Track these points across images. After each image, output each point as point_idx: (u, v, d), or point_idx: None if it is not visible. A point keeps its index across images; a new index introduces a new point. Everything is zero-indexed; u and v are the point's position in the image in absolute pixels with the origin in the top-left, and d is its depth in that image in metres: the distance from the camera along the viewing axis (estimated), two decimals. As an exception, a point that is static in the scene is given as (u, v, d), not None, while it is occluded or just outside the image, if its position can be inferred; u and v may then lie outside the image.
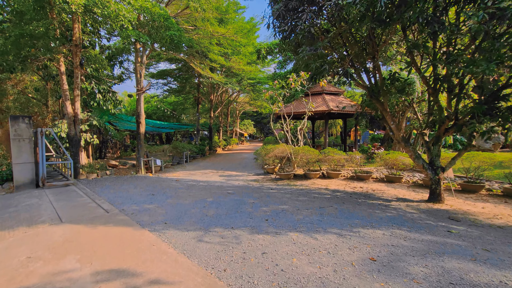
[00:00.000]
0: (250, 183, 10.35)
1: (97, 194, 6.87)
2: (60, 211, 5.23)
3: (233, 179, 11.56)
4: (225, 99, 29.25)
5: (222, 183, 10.24)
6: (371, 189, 9.37)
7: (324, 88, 15.78)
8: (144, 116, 13.43)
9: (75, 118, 8.98)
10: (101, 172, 12.70)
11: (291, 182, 10.72)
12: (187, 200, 6.53)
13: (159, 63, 20.94)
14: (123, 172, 14.53)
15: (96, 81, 12.41)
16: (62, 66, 8.48)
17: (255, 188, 8.94)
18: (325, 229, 4.47)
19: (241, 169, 15.18)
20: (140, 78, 12.86)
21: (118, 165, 16.55)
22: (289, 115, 13.65)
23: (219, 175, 13.21)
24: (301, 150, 11.22)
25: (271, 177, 12.13)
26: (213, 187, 8.85)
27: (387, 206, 6.79)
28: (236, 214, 5.33)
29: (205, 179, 11.36)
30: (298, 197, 7.42)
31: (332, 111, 14.06)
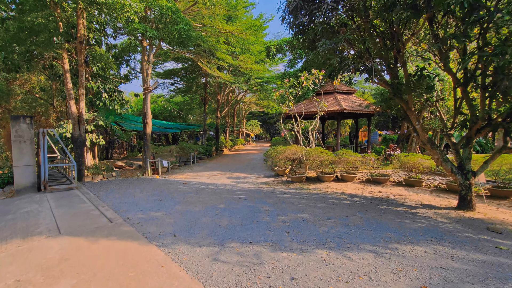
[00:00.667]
0: (261, 187, 9.77)
1: (101, 199, 6.37)
2: (59, 220, 4.73)
3: (242, 182, 11.00)
4: (232, 99, 28.74)
5: (231, 186, 9.68)
6: (391, 193, 8.70)
7: (336, 87, 15.11)
8: (151, 116, 12.97)
9: (79, 118, 8.55)
10: (107, 173, 12.28)
11: (304, 185, 10.10)
12: (197, 207, 5.98)
13: (166, 62, 20.51)
14: (129, 174, 14.10)
15: (102, 80, 11.99)
16: (66, 64, 8.04)
17: (267, 193, 8.35)
18: (357, 245, 3.86)
19: (249, 171, 14.62)
20: (146, 77, 12.40)
21: (124, 166, 16.16)
22: (300, 115, 13.03)
23: (227, 177, 12.67)
24: (314, 152, 10.59)
25: (282, 179, 11.53)
26: (223, 191, 8.30)
27: (414, 215, 6.13)
28: (252, 224, 4.75)
29: (213, 182, 10.82)
30: (315, 203, 6.81)
31: (345, 110, 13.39)
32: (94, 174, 11.86)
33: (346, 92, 15.35)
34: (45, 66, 12.45)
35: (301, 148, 11.07)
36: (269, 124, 51.39)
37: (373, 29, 7.10)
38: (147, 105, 12.59)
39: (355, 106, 14.14)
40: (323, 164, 10.80)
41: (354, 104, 14.44)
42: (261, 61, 18.74)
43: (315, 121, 12.36)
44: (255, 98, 31.38)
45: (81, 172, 8.89)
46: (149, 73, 12.43)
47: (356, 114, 14.69)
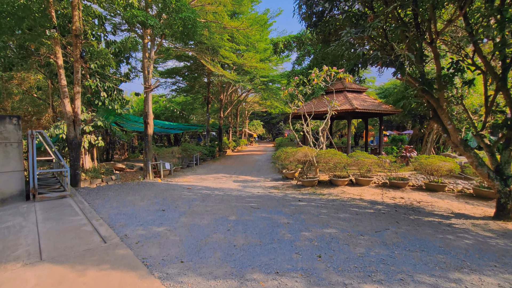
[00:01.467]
0: (271, 192, 8.96)
1: (96, 210, 5.57)
2: (44, 239, 3.94)
3: (250, 186, 10.19)
4: (235, 99, 27.93)
5: (239, 191, 8.87)
6: (414, 200, 7.88)
7: (346, 86, 14.29)
8: (152, 116, 12.17)
9: (74, 118, 7.76)
10: (106, 177, 11.49)
11: (317, 190, 9.29)
12: (204, 219, 5.17)
13: (168, 61, 19.71)
14: (130, 177, 13.31)
15: (101, 79, 11.19)
16: (59, 59, 7.26)
17: (280, 199, 7.54)
18: (411, 275, 3.05)
19: (256, 173, 13.81)
20: (147, 75, 11.60)
21: (125, 169, 15.38)
22: (309, 115, 12.22)
23: (233, 180, 11.87)
24: (326, 154, 9.77)
25: (292, 183, 10.72)
26: (231, 198, 7.49)
27: (452, 227, 5.31)
28: (273, 243, 3.94)
29: (219, 186, 10.01)
30: (337, 212, 5.99)
31: (357, 110, 12.56)
32: (93, 177, 11.07)
33: (356, 91, 14.53)
34: (41, 64, 11.67)
35: (312, 150, 10.26)
36: (271, 124, 50.51)
37: (399, 18, 6.28)
38: (149, 104, 11.79)
39: (367, 105, 13.32)
40: (337, 167, 9.99)
41: (366, 103, 13.62)
42: (266, 59, 17.94)
43: (326, 121, 11.55)
44: (258, 98, 30.57)
45: (77, 177, 8.10)
46: (151, 71, 11.63)
47: (368, 114, 13.87)
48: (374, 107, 13.30)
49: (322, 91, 12.77)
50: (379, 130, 14.52)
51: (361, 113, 13.68)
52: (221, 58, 14.89)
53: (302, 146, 11.26)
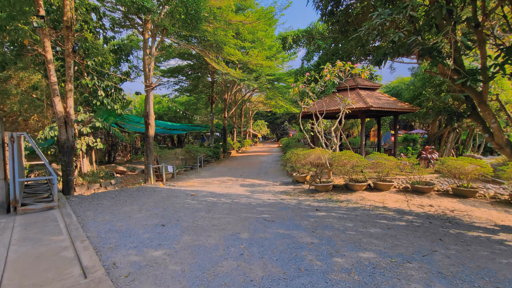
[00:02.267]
0: (283, 198, 8.06)
1: (84, 225, 4.73)
2: (10, 270, 3.09)
3: (258, 191, 9.30)
4: (239, 99, 27.08)
5: (248, 198, 7.99)
6: (445, 208, 6.92)
7: (358, 83, 13.33)
8: (154, 116, 11.35)
9: (66, 118, 6.95)
10: (105, 181, 10.70)
11: (333, 196, 8.37)
12: (212, 237, 4.29)
13: (170, 60, 18.91)
14: (131, 181, 12.50)
15: (99, 77, 10.40)
16: (48, 53, 6.46)
17: (295, 208, 6.64)
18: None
19: (263, 176, 12.92)
20: (148, 73, 10.78)
21: (126, 172, 14.59)
22: (321, 114, 11.29)
23: (239, 184, 10.99)
24: (343, 156, 8.84)
25: (303, 187, 9.81)
26: (240, 207, 6.61)
27: (505, 245, 4.37)
28: (301, 276, 3.05)
29: (225, 191, 9.14)
30: (365, 226, 5.08)
31: (371, 108, 11.60)
32: (91, 182, 10.28)
33: (369, 88, 13.56)
34: (37, 62, 10.90)
35: (325, 152, 9.34)
36: (276, 124, 49.52)
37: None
38: (150, 104, 10.97)
39: (382, 103, 12.35)
40: (355, 170, 9.06)
41: (380, 100, 12.64)
42: (272, 56, 17.05)
43: (339, 120, 10.61)
44: (263, 98, 29.68)
45: (70, 184, 7.28)
46: (151, 68, 10.81)
47: (383, 112, 12.89)
48: (390, 105, 12.32)
49: (333, 89, 11.84)
50: (394, 129, 13.53)
51: (375, 112, 12.71)
52: (226, 55, 14.03)
53: (314, 148, 10.35)
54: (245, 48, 16.87)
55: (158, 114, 24.50)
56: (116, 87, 11.54)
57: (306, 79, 10.29)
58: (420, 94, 12.86)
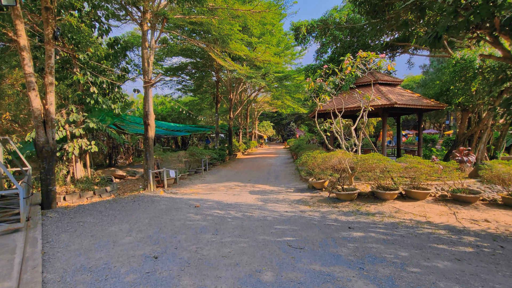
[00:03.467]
0: (303, 210, 6.75)
1: (51, 256, 3.50)
2: None
3: (272, 200, 8.00)
4: (244, 99, 25.85)
5: (261, 209, 6.70)
6: (507, 225, 5.53)
7: (378, 78, 11.96)
8: (154, 116, 10.15)
9: (46, 117, 5.78)
10: (100, 188, 9.51)
11: (360, 206, 7.03)
12: (222, 280, 3.02)
13: (172, 58, 17.75)
14: (130, 187, 11.31)
15: (93, 72, 9.25)
16: (21, 38, 5.26)
17: (322, 225, 5.33)
18: None
19: (273, 181, 11.61)
20: (147, 68, 9.60)
21: (126, 176, 13.43)
22: (339, 112, 9.96)
23: (249, 190, 9.70)
24: (370, 159, 7.49)
25: (322, 195, 8.49)
26: (254, 224, 5.33)
27: None
28: None
29: (234, 201, 7.86)
30: (427, 258, 3.74)
31: (396, 105, 10.24)
32: (84, 189, 9.11)
33: (390, 83, 12.19)
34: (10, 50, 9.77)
35: (347, 154, 8.00)
36: (281, 125, 48.08)
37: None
38: (149, 102, 9.77)
39: (406, 99, 10.97)
40: (384, 176, 7.70)
41: (403, 97, 11.26)
42: (280, 53, 15.81)
43: (360, 118, 9.28)
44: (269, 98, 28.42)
45: (50, 195, 6.08)
46: (151, 63, 9.62)
47: (407, 110, 11.49)
48: (415, 102, 10.93)
49: (351, 84, 10.49)
50: (419, 129, 12.10)
51: (398, 109, 11.33)
52: (232, 50, 12.81)
53: (334, 150, 9.02)
54: (252, 45, 15.63)
55: (161, 115, 23.41)
56: (113, 84, 10.38)
57: (324, 72, 8.98)
58: (448, 90, 11.43)
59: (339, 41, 11.57)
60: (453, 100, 11.32)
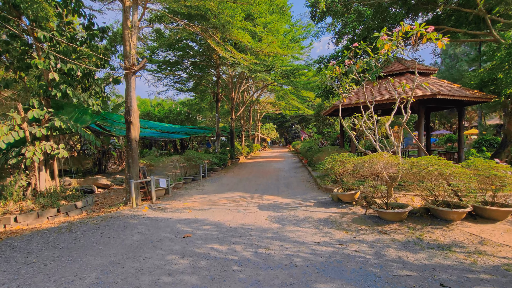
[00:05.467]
0: (341, 240, 4.52)
1: None
2: None
3: (290, 220, 5.77)
4: (247, 99, 23.75)
5: (281, 241, 4.48)
6: None
7: (408, 66, 9.83)
8: (138, 112, 8.01)
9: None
10: (68, 203, 7.33)
11: (419, 231, 4.80)
12: None
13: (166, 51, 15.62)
14: (111, 199, 9.10)
15: (59, 56, 7.15)
16: None
17: (388, 277, 3.12)
18: None
19: (285, 191, 9.40)
20: (129, 51, 7.49)
21: (111, 185, 11.24)
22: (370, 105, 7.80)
23: (257, 205, 7.49)
24: (430, 164, 5.28)
25: (353, 211, 6.27)
26: (276, 277, 3.14)
27: None
28: None
29: (239, 222, 5.64)
30: None
31: (438, 96, 8.08)
32: (45, 206, 6.92)
33: (422, 72, 10.04)
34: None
35: (395, 158, 5.80)
36: (284, 128, 45.82)
37: None
38: (131, 95, 7.65)
39: (447, 90, 8.80)
40: (440, 185, 5.49)
41: (442, 87, 9.10)
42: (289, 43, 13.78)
43: (407, 114, 7.12)
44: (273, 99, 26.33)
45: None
46: (133, 45, 7.52)
47: (448, 103, 9.33)
48: (457, 93, 8.76)
49: (380, 71, 8.32)
50: (459, 126, 9.87)
51: (436, 102, 9.16)
52: (233, 36, 10.73)
53: (376, 152, 6.82)
54: (257, 35, 13.56)
55: (158, 117, 21.31)
56: (90, 73, 8.27)
57: (353, 52, 6.83)
58: (495, 79, 9.27)
59: (365, 18, 9.47)
60: (503, 90, 9.14)
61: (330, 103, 20.59)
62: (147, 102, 26.26)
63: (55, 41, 7.44)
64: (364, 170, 5.67)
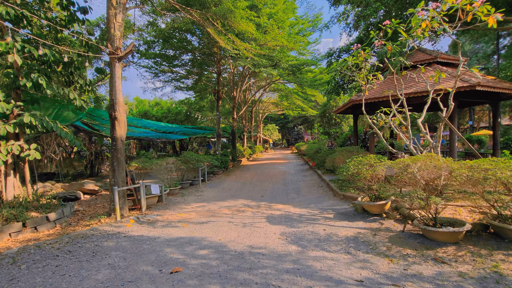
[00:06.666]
0: (389, 275, 3.15)
1: None
2: None
3: (310, 239, 4.42)
4: (249, 99, 22.49)
5: (306, 277, 3.14)
6: None
7: (437, 55, 8.55)
8: (125, 107, 6.72)
9: None
10: (40, 215, 6.03)
11: (495, 262, 3.47)
12: None
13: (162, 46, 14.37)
14: (96, 209, 7.78)
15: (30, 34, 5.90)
16: None
17: None
18: None
19: (296, 198, 8.08)
20: (114, 33, 6.22)
21: (99, 191, 9.93)
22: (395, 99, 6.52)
23: (265, 216, 6.16)
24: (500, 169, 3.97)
25: (387, 226, 4.94)
26: None
27: None
28: None
29: (246, 244, 4.31)
30: None
31: (477, 87, 6.81)
32: (9, 219, 5.61)
33: (451, 63, 8.78)
34: None
35: (451, 161, 4.48)
36: (287, 129, 44.45)
37: None
38: (116, 85, 6.37)
39: (485, 81, 7.51)
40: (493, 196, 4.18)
41: (471, 78, 7.81)
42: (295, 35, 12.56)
43: (450, 108, 5.85)
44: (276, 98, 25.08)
45: None
46: (118, 25, 6.25)
47: (482, 96, 8.04)
48: (496, 84, 7.47)
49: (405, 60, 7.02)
50: (494, 123, 8.57)
51: (473, 95, 7.88)
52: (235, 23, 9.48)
53: (401, 155, 5.54)
54: (261, 27, 12.32)
55: (156, 117, 20.05)
56: (70, 61, 7.00)
57: (383, 32, 5.56)
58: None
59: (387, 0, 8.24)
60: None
61: (336, 102, 19.31)
62: (146, 102, 25.01)
63: (26, 21, 6.18)
64: (407, 176, 4.36)
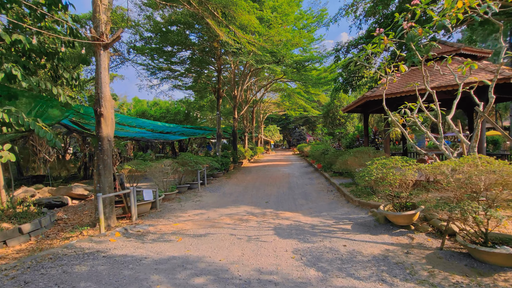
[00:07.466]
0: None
1: None
2: None
3: (331, 261, 3.52)
4: (250, 99, 21.68)
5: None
6: None
7: (460, 47, 7.73)
8: (112, 102, 5.87)
9: None
10: (13, 226, 5.18)
11: None
12: None
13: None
14: (79, 218, 6.91)
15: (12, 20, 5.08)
16: None
17: None
18: None
19: (305, 204, 7.21)
20: (99, 16, 5.39)
21: (89, 196, 9.07)
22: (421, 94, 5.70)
23: (273, 227, 5.28)
24: None
25: (419, 242, 4.05)
26: None
27: None
28: None
29: (254, 267, 3.42)
30: None
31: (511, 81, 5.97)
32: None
33: (474, 55, 7.96)
34: None
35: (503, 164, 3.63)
36: (288, 130, 43.61)
37: None
38: (102, 77, 5.53)
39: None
40: None
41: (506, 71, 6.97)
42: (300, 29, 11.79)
43: (490, 102, 5.01)
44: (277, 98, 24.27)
45: None
46: (105, 8, 5.43)
47: None
48: None
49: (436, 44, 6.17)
50: None
51: (501, 91, 7.03)
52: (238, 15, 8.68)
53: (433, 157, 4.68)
54: (264, 20, 11.50)
55: (154, 117, 19.21)
56: (54, 52, 6.16)
57: (412, 12, 4.74)
58: None
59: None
60: None
61: (341, 102, 18.49)
62: (144, 102, 24.20)
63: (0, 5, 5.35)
64: (451, 182, 3.50)
